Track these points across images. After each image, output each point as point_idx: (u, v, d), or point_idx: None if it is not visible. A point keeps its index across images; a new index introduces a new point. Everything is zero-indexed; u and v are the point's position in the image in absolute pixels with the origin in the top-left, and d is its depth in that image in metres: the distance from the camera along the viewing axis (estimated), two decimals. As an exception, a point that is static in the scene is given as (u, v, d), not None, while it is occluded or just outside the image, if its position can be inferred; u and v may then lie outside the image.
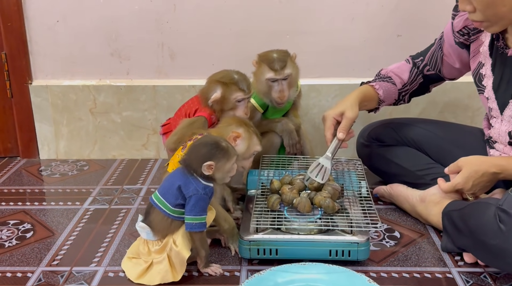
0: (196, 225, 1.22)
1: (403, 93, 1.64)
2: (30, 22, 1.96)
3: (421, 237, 1.47)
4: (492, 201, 1.25)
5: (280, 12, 1.92)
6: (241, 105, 1.52)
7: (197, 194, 1.21)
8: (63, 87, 2.01)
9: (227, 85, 1.49)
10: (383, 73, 1.65)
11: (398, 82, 1.63)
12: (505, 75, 1.38)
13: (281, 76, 1.58)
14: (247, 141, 1.39)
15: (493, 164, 1.35)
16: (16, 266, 1.36)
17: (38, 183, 1.88)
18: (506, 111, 1.38)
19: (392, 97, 1.63)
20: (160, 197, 1.24)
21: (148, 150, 2.08)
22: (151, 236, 1.25)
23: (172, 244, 1.23)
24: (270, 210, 1.40)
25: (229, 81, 1.50)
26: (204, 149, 1.22)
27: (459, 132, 1.62)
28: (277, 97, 1.61)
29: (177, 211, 1.23)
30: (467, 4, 1.27)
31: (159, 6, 1.93)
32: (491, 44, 1.42)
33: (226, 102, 1.50)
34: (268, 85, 1.61)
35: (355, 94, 1.55)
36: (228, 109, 1.52)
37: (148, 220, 1.25)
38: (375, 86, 1.60)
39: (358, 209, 1.41)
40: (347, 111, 1.49)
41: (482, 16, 1.27)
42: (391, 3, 1.90)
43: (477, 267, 1.32)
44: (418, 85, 1.64)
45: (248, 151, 1.40)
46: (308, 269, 1.24)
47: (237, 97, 1.50)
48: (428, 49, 1.63)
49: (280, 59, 1.58)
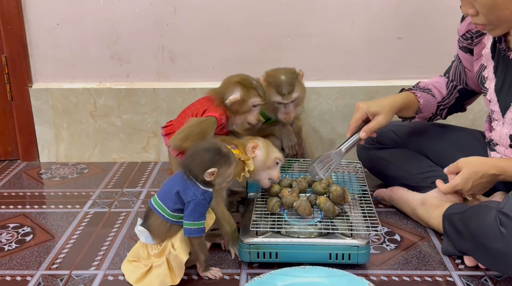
0: (194, 230, 1.22)
1: (441, 107, 1.62)
2: (30, 25, 1.96)
3: (421, 240, 1.47)
4: (492, 204, 1.24)
5: (280, 15, 1.92)
6: (255, 111, 1.53)
7: (196, 200, 1.21)
8: (63, 90, 2.01)
9: (248, 89, 1.50)
10: (422, 85, 1.62)
11: (438, 95, 1.61)
12: (507, 77, 1.38)
13: (288, 100, 1.60)
14: (266, 149, 1.41)
15: (493, 165, 1.34)
16: (16, 269, 1.36)
17: (38, 186, 1.88)
18: (508, 114, 1.38)
19: (430, 109, 1.61)
20: (159, 202, 1.24)
21: (148, 153, 2.08)
22: (150, 239, 1.24)
23: (171, 248, 1.23)
24: (270, 213, 1.39)
25: (250, 85, 1.51)
26: (207, 155, 1.22)
27: (460, 135, 1.62)
28: (283, 118, 1.63)
29: (175, 216, 1.23)
30: (470, 7, 1.27)
31: (159, 9, 1.93)
32: (493, 47, 1.42)
33: (244, 105, 1.51)
34: (275, 106, 1.62)
35: (398, 100, 1.51)
36: (243, 112, 1.52)
37: (147, 224, 1.25)
38: (416, 93, 1.58)
39: (358, 212, 1.40)
40: (381, 115, 1.47)
41: (484, 20, 1.27)
42: (391, 6, 1.90)
43: (478, 270, 1.32)
44: (454, 99, 1.61)
45: (269, 159, 1.42)
46: (308, 272, 1.24)
47: (254, 102, 1.51)
48: (451, 65, 1.62)
49: (288, 82, 1.58)
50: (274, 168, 1.44)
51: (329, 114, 1.99)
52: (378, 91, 1.95)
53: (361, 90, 1.96)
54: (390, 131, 1.70)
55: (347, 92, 1.97)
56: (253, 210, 1.39)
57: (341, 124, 2.00)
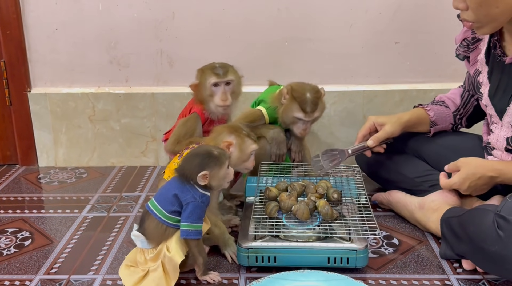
0: (192, 232, 1.22)
1: (458, 116, 1.62)
2: (29, 30, 1.97)
3: (420, 244, 1.47)
4: (490, 208, 1.25)
5: (278, 20, 1.92)
6: (217, 91, 1.53)
7: (195, 202, 1.21)
8: (62, 95, 2.01)
9: (203, 71, 1.53)
10: (437, 99, 1.66)
11: (451, 105, 1.62)
12: (502, 82, 1.38)
13: (310, 118, 1.61)
14: (240, 146, 1.40)
15: (491, 168, 1.35)
16: (15, 274, 1.36)
17: (37, 190, 1.88)
18: (505, 118, 1.39)
19: (447, 120, 1.62)
20: (156, 204, 1.24)
21: (147, 158, 2.08)
22: (145, 244, 1.24)
23: (166, 251, 1.22)
24: (268, 217, 1.40)
25: (208, 67, 1.52)
26: (197, 160, 1.23)
27: (458, 139, 1.63)
28: (299, 132, 1.64)
29: (172, 218, 1.23)
30: (461, 1, 1.28)
31: (158, 14, 1.93)
32: (487, 52, 1.43)
33: (203, 88, 1.52)
34: (294, 121, 1.62)
35: (405, 114, 1.60)
36: (208, 97, 1.53)
37: (142, 227, 1.25)
38: (426, 108, 1.62)
39: (356, 216, 1.40)
40: (388, 124, 1.56)
41: (473, 16, 1.27)
42: (389, 11, 1.91)
43: (476, 274, 1.32)
44: (473, 108, 1.61)
45: (244, 154, 1.41)
46: (306, 276, 1.24)
47: (211, 81, 1.51)
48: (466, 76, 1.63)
49: (313, 101, 1.58)
50: (249, 159, 1.44)
51: (327, 118, 1.99)
52: (376, 95, 1.96)
53: (359, 94, 1.97)
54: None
55: (345, 96, 1.98)
56: (252, 214, 1.39)
57: (339, 128, 2.01)
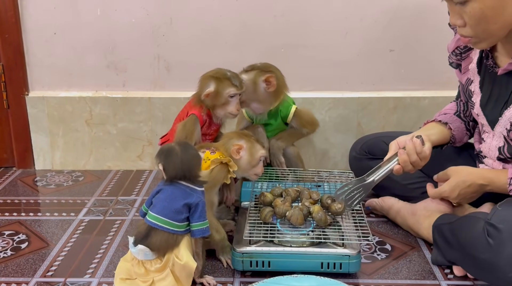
0: (206, 230, 1.24)
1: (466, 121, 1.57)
2: (27, 34, 1.98)
3: (412, 250, 1.49)
4: (481, 216, 1.27)
5: (275, 27, 1.94)
6: (233, 101, 1.55)
7: (202, 200, 1.24)
8: (60, 99, 2.03)
9: (221, 80, 1.53)
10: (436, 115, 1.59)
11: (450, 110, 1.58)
12: (493, 93, 1.39)
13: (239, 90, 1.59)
14: (250, 150, 1.42)
15: (481, 176, 1.36)
16: (11, 277, 1.37)
17: (34, 193, 1.89)
18: (496, 128, 1.39)
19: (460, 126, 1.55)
20: (162, 218, 1.22)
21: (143, 161, 2.10)
22: (149, 256, 1.22)
23: (175, 259, 1.21)
24: (263, 223, 1.41)
25: (223, 76, 1.53)
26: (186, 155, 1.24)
27: (450, 147, 1.64)
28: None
29: (183, 226, 1.23)
30: (458, 18, 1.26)
31: (155, 19, 1.95)
32: (479, 62, 1.44)
33: (219, 97, 1.53)
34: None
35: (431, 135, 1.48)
36: (221, 105, 1.54)
37: (148, 242, 1.22)
38: (438, 118, 1.55)
39: (350, 222, 1.42)
40: None
41: (471, 32, 1.26)
42: (384, 19, 1.93)
43: (467, 280, 1.34)
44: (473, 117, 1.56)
45: (253, 159, 1.43)
46: (300, 281, 1.26)
47: (230, 92, 1.53)
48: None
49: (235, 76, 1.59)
50: (258, 165, 1.46)
51: (322, 124, 2.00)
52: (370, 102, 1.98)
53: (353, 101, 1.99)
54: (381, 141, 1.71)
55: (340, 103, 1.99)
56: (246, 219, 1.41)
57: (334, 134, 2.03)
